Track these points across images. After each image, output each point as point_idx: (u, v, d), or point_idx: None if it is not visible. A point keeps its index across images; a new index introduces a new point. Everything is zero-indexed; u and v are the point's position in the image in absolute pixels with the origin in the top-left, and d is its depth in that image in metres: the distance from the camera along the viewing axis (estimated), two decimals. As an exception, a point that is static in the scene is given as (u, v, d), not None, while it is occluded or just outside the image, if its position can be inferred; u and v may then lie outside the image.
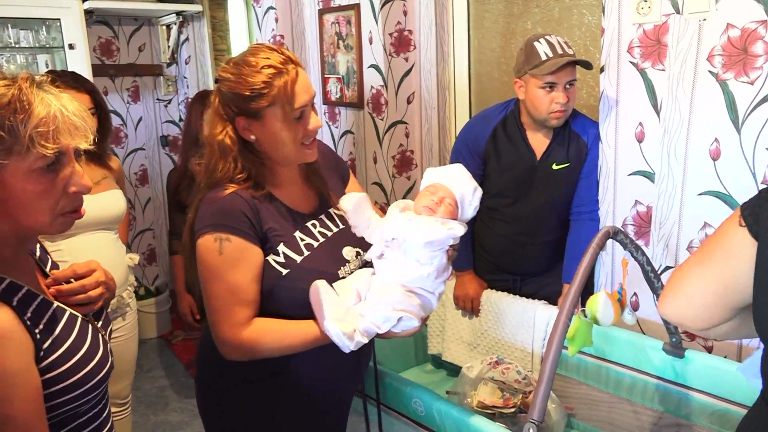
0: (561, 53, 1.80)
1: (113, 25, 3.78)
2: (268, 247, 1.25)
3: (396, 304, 1.23)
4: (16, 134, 0.87)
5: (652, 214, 1.80)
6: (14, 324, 0.88)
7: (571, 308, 1.19)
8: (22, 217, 0.91)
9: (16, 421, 0.86)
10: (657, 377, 1.62)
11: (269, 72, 1.20)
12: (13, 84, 0.89)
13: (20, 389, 0.87)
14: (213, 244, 1.20)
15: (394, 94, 2.69)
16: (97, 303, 1.09)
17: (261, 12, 3.18)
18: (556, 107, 1.85)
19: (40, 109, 0.89)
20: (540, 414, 1.14)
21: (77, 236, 1.97)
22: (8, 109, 0.87)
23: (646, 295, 1.83)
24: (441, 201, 1.33)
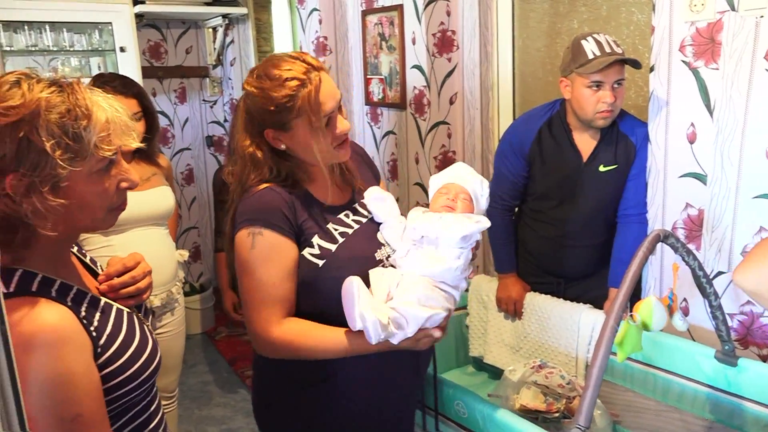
0: (609, 52, 1.77)
1: (162, 28, 3.88)
2: (303, 240, 1.25)
3: (422, 299, 1.23)
4: (80, 140, 0.88)
5: (704, 218, 1.75)
6: (73, 324, 0.90)
7: (620, 312, 1.17)
8: (80, 218, 0.93)
9: (84, 419, 0.88)
10: (708, 386, 1.57)
11: (293, 84, 1.19)
12: (64, 90, 0.90)
13: (85, 388, 0.89)
14: (246, 239, 1.21)
15: (437, 95, 2.68)
16: (145, 293, 1.11)
17: (305, 14, 3.21)
18: (602, 107, 1.81)
19: (100, 114, 0.91)
20: (587, 420, 1.12)
21: (129, 231, 2.03)
22: (69, 116, 0.87)
23: (696, 300, 1.78)
24: (456, 197, 1.36)
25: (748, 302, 1.68)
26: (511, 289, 2.05)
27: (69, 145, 0.87)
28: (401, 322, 1.21)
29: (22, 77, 0.88)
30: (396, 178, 3.01)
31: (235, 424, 2.90)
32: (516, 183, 2.05)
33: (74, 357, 0.88)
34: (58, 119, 0.86)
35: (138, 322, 1.06)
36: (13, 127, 0.84)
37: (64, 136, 0.86)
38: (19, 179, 0.85)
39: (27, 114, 0.85)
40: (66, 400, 0.86)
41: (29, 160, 0.85)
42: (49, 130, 0.85)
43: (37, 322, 0.86)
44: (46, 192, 0.86)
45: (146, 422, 1.06)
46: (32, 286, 0.90)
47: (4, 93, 0.86)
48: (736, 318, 1.72)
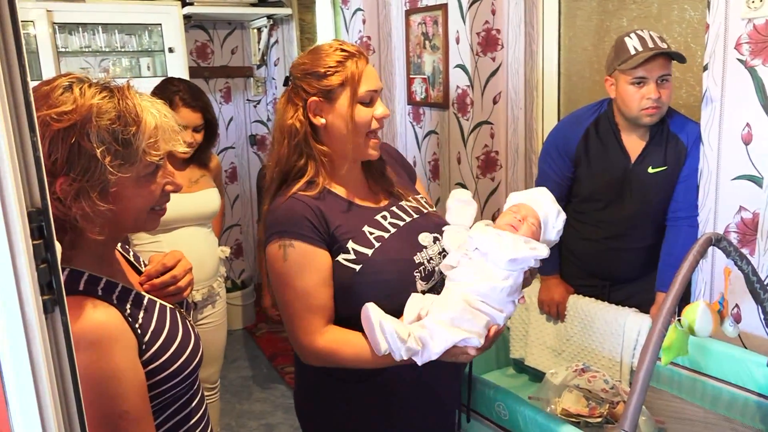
0: (652, 47, 1.74)
1: (208, 29, 3.96)
2: (337, 248, 1.24)
3: (456, 319, 1.18)
4: (129, 146, 0.89)
5: (759, 222, 1.68)
6: (120, 322, 0.92)
7: (668, 317, 1.14)
8: (125, 220, 0.95)
9: (130, 415, 0.90)
10: (759, 394, 1.51)
11: (342, 54, 1.24)
12: (114, 95, 0.91)
13: (131, 385, 0.90)
14: (278, 252, 1.21)
15: (480, 94, 2.66)
16: (186, 290, 1.12)
17: (348, 14, 3.23)
18: (647, 103, 1.77)
19: (149, 120, 0.92)
20: (632, 425, 1.09)
21: (176, 230, 2.13)
22: (119, 122, 0.88)
23: (748, 307, 1.71)
24: (524, 219, 1.32)
25: (805, 310, 1.61)
26: (553, 292, 2.02)
27: (118, 151, 0.88)
28: (426, 340, 1.16)
29: (74, 81, 0.90)
30: (437, 178, 3.00)
31: (274, 420, 2.94)
32: (561, 184, 2.01)
33: (120, 354, 0.90)
34: (108, 125, 0.87)
35: (180, 318, 1.07)
36: (66, 132, 0.86)
37: (114, 142, 0.88)
38: (70, 183, 0.86)
39: (79, 120, 0.86)
40: (113, 397, 0.88)
41: (80, 165, 0.86)
42: (100, 136, 0.87)
43: (85, 322, 0.87)
44: (96, 197, 0.88)
45: (188, 416, 1.08)
46: (79, 285, 0.92)
47: (57, 98, 0.87)
48: (791, 326, 1.65)
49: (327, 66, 1.23)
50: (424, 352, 1.16)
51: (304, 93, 1.25)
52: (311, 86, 1.24)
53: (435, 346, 1.15)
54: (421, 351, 1.15)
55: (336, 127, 1.25)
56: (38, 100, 0.85)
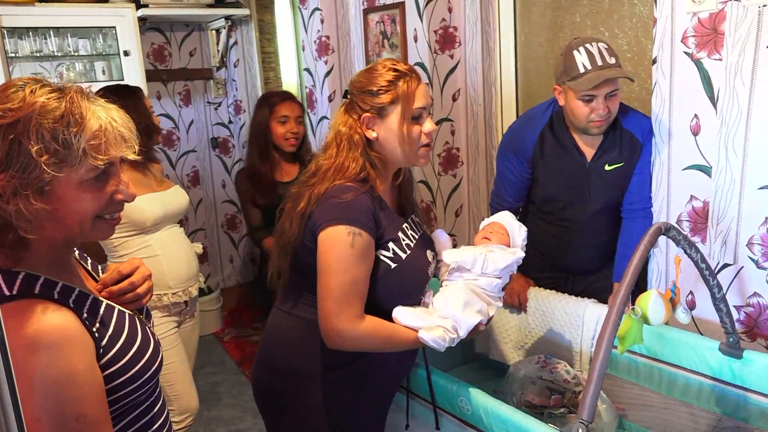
0: (601, 65, 1.72)
1: (165, 31, 3.90)
2: (381, 243, 1.36)
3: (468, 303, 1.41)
4: (69, 147, 0.89)
5: (709, 210, 1.73)
6: (77, 325, 0.91)
7: (622, 306, 1.16)
8: (69, 224, 0.94)
9: (87, 419, 0.89)
10: (713, 378, 1.55)
11: (394, 74, 1.37)
12: (64, 96, 0.91)
13: (88, 388, 0.90)
14: (346, 237, 1.29)
15: (440, 92, 2.67)
16: (145, 297, 1.12)
17: (307, 14, 3.22)
18: (595, 117, 1.79)
19: (93, 123, 0.91)
20: (590, 414, 1.11)
21: (163, 231, 2.15)
22: (62, 122, 0.89)
23: (702, 293, 1.76)
24: (494, 231, 1.60)
25: (755, 294, 1.67)
26: (513, 283, 2.04)
27: (58, 150, 0.88)
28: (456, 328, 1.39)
29: (30, 82, 0.91)
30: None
31: (244, 425, 2.91)
32: (519, 186, 2.04)
33: (77, 357, 0.89)
34: (50, 124, 0.88)
35: (140, 324, 1.06)
36: (7, 128, 0.86)
37: (54, 141, 0.88)
38: (8, 180, 0.87)
39: (21, 117, 0.87)
40: (69, 400, 0.87)
41: (18, 162, 0.87)
42: (39, 134, 0.87)
43: (41, 324, 0.87)
44: (30, 195, 0.88)
45: (150, 423, 1.07)
46: (35, 289, 0.91)
47: (8, 95, 0.88)
48: (743, 310, 1.70)
49: (379, 85, 1.36)
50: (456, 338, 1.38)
51: (359, 108, 1.39)
52: (365, 103, 1.38)
53: (461, 331, 1.39)
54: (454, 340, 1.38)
55: (387, 140, 1.39)
56: None
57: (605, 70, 1.73)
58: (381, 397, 1.53)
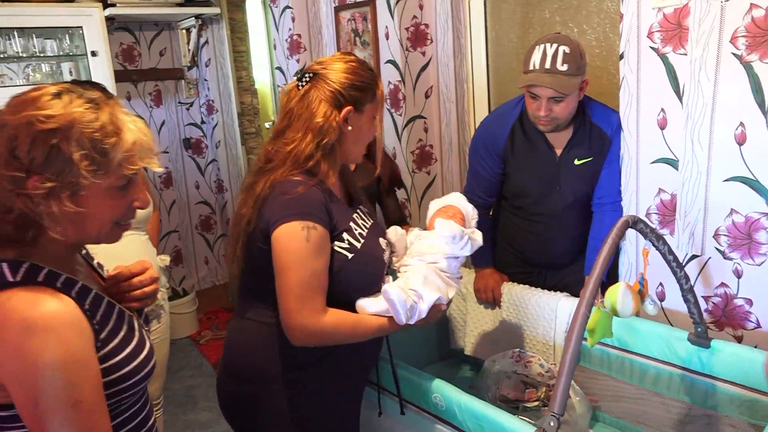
0: (548, 68, 1.74)
1: (134, 31, 3.84)
2: (335, 235, 1.34)
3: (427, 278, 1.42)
4: (106, 156, 0.94)
5: (677, 202, 1.76)
6: (78, 313, 0.93)
7: (591, 299, 1.17)
8: (89, 227, 0.98)
9: (85, 405, 0.90)
10: (683, 368, 1.58)
11: (372, 74, 1.40)
12: (100, 107, 0.95)
13: (87, 375, 0.91)
14: (301, 232, 1.27)
15: (412, 89, 2.67)
16: (150, 298, 1.15)
17: (278, 12, 3.19)
18: (538, 115, 1.82)
19: (129, 135, 0.97)
20: (561, 407, 1.12)
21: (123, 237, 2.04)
22: (101, 132, 0.93)
23: (671, 285, 1.79)
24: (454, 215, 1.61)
25: (722, 284, 1.70)
26: (488, 279, 2.05)
27: (95, 158, 0.93)
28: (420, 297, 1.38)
29: (63, 90, 0.95)
30: (375, 174, 3.01)
31: (220, 428, 2.88)
32: (492, 181, 2.05)
33: (76, 343, 0.90)
34: (90, 133, 0.93)
35: (138, 326, 1.08)
36: (49, 133, 0.90)
37: (93, 149, 0.93)
38: (43, 182, 0.90)
39: (64, 124, 0.91)
40: (67, 385, 0.88)
41: (56, 166, 0.91)
42: (81, 142, 0.92)
43: (42, 308, 0.89)
44: (65, 198, 0.92)
45: (138, 427, 1.07)
46: (38, 277, 0.93)
47: (45, 102, 0.92)
48: (711, 300, 1.73)
49: (366, 80, 1.37)
50: (415, 313, 1.36)
51: (343, 100, 1.35)
52: (349, 95, 1.35)
53: (424, 303, 1.37)
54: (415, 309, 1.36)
55: (355, 135, 1.40)
56: (25, 103, 0.92)
57: (543, 75, 1.75)
58: (351, 390, 1.53)
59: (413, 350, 2.12)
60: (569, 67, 1.74)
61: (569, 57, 1.75)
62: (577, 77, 1.77)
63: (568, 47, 1.76)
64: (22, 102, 0.93)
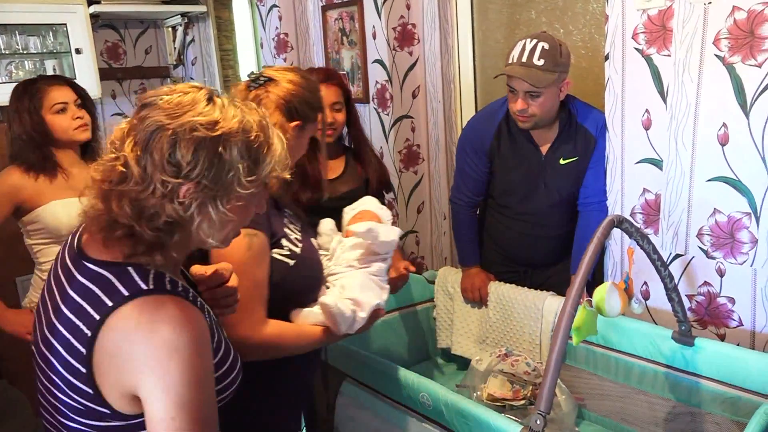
0: (524, 61, 1.76)
1: (119, 28, 3.80)
2: (274, 242, 1.28)
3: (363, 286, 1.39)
4: (259, 165, 0.93)
5: (661, 202, 1.78)
6: (207, 324, 0.91)
7: (577, 298, 1.18)
8: (227, 233, 0.96)
9: (211, 420, 0.88)
10: (667, 366, 1.60)
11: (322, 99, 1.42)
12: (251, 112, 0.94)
13: (212, 390, 0.90)
14: (243, 240, 1.18)
15: (399, 89, 2.67)
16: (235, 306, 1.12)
17: (264, 10, 3.18)
18: (515, 110, 1.84)
19: (277, 145, 0.96)
20: (547, 405, 1.13)
21: None
22: (257, 141, 0.92)
23: (656, 284, 1.80)
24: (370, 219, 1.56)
25: (706, 283, 1.72)
26: (474, 278, 2.06)
27: (250, 166, 0.91)
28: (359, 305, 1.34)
29: (209, 92, 0.92)
30: (362, 174, 3.01)
31: None
32: (478, 180, 2.06)
33: (209, 357, 0.89)
34: (249, 142, 0.91)
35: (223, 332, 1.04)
36: (213, 141, 0.87)
37: (249, 158, 0.91)
38: (200, 189, 0.88)
39: (227, 131, 0.89)
40: (202, 401, 0.86)
41: (216, 174, 0.88)
42: (240, 150, 0.90)
43: (187, 320, 0.86)
44: (223, 204, 0.90)
45: None
46: (166, 285, 0.90)
47: (204, 108, 0.89)
48: (694, 299, 1.75)
49: (318, 100, 1.38)
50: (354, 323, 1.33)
51: (296, 113, 1.33)
52: (300, 110, 1.33)
53: (364, 311, 1.34)
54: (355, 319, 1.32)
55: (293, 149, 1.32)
56: (182, 106, 0.88)
57: (518, 67, 1.77)
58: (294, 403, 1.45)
59: (400, 349, 2.13)
60: (545, 62, 1.76)
61: (547, 53, 1.76)
62: (554, 74, 1.78)
63: (548, 44, 1.78)
64: (177, 105, 0.88)
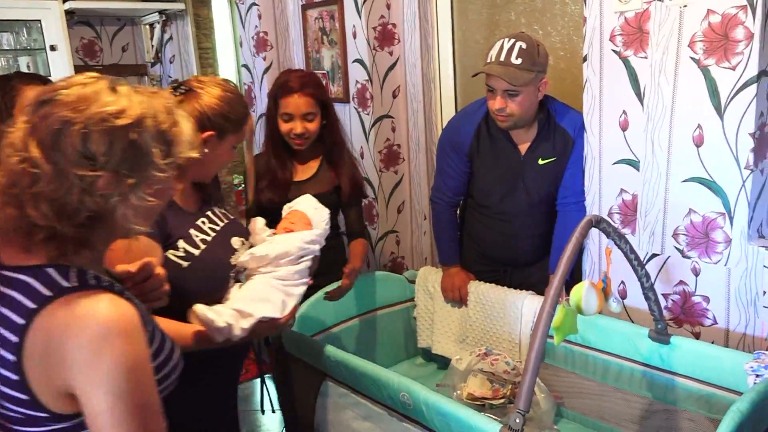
0: (502, 60, 1.78)
1: (95, 25, 3.74)
2: (169, 244, 1.37)
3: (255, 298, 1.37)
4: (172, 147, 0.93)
5: (638, 202, 1.80)
6: (137, 313, 0.91)
7: (555, 297, 1.19)
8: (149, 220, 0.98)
9: (152, 408, 0.88)
10: (644, 364, 1.62)
11: (245, 109, 1.47)
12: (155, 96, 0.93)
13: (151, 377, 0.90)
14: (121, 243, 1.25)
15: (380, 89, 2.67)
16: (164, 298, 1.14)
17: (244, 9, 3.16)
18: (494, 109, 1.85)
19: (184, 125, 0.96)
20: (526, 404, 1.14)
21: None
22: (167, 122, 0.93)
23: (633, 283, 1.83)
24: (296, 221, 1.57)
25: (681, 282, 1.74)
26: (454, 278, 2.07)
27: (164, 149, 0.92)
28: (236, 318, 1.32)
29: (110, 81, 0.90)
30: (342, 174, 3.00)
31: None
32: (459, 180, 2.07)
33: (143, 345, 0.89)
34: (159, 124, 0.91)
35: None
36: (125, 129, 0.87)
37: (162, 141, 0.92)
38: (120, 179, 0.87)
39: (137, 118, 0.88)
40: (141, 389, 0.87)
41: (133, 162, 0.88)
42: (153, 134, 0.90)
43: (113, 311, 0.86)
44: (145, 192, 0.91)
45: None
46: (90, 280, 0.90)
47: (108, 97, 0.88)
48: (670, 298, 1.78)
49: (237, 114, 1.43)
50: (234, 330, 1.31)
51: (208, 124, 1.39)
52: (214, 122, 1.39)
53: (243, 322, 1.32)
54: (233, 328, 1.30)
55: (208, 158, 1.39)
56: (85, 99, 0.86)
57: (496, 66, 1.79)
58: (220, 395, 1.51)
59: (380, 348, 2.13)
60: (523, 61, 1.78)
61: (524, 52, 1.78)
62: (532, 72, 1.79)
63: (525, 43, 1.79)
64: (80, 98, 0.86)
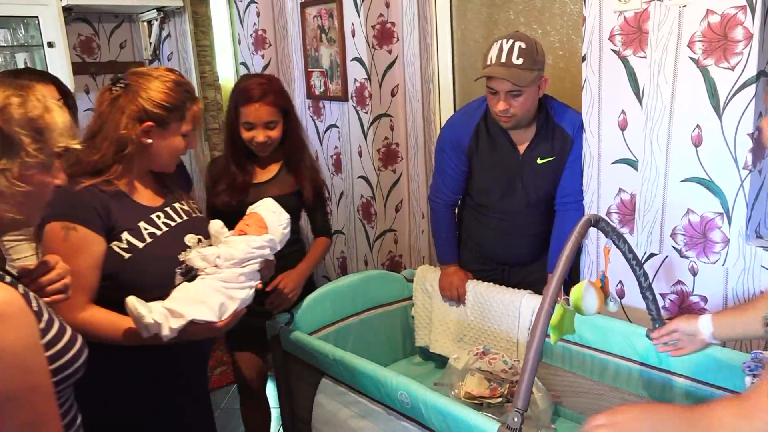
0: (503, 62, 1.78)
1: (93, 22, 3.73)
2: (113, 236, 1.39)
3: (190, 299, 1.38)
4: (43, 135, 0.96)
5: (636, 202, 1.80)
6: (20, 299, 0.92)
7: (554, 297, 1.19)
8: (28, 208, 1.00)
9: (41, 389, 0.90)
10: (641, 363, 1.62)
11: (186, 94, 1.45)
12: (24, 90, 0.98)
13: (42, 361, 0.92)
14: (59, 231, 1.33)
15: (378, 87, 2.67)
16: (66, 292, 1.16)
17: (242, 6, 3.15)
18: (497, 110, 1.85)
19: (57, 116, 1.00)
20: (524, 402, 1.14)
21: None
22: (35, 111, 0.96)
23: (631, 282, 1.83)
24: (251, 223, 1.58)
25: (679, 282, 1.75)
26: (452, 277, 2.07)
27: (35, 136, 0.95)
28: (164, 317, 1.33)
29: None
30: (340, 172, 3.00)
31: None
32: (457, 179, 2.07)
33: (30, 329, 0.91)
34: (25, 113, 0.95)
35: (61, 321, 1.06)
36: None
37: (31, 128, 0.95)
38: None
39: (4, 105, 0.93)
40: (26, 370, 0.88)
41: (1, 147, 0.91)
42: (19, 121, 0.94)
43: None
44: (13, 176, 0.93)
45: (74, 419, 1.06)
46: None
47: None
48: (668, 297, 1.78)
49: (174, 102, 1.42)
50: (162, 329, 1.32)
51: (146, 116, 1.40)
52: (151, 113, 1.40)
53: (173, 322, 1.33)
54: (161, 327, 1.31)
55: (158, 149, 1.44)
56: None
57: (499, 68, 1.78)
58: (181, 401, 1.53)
59: (378, 347, 2.13)
60: (524, 61, 1.78)
61: (524, 52, 1.78)
62: (533, 72, 1.80)
63: (524, 43, 1.79)
64: None
